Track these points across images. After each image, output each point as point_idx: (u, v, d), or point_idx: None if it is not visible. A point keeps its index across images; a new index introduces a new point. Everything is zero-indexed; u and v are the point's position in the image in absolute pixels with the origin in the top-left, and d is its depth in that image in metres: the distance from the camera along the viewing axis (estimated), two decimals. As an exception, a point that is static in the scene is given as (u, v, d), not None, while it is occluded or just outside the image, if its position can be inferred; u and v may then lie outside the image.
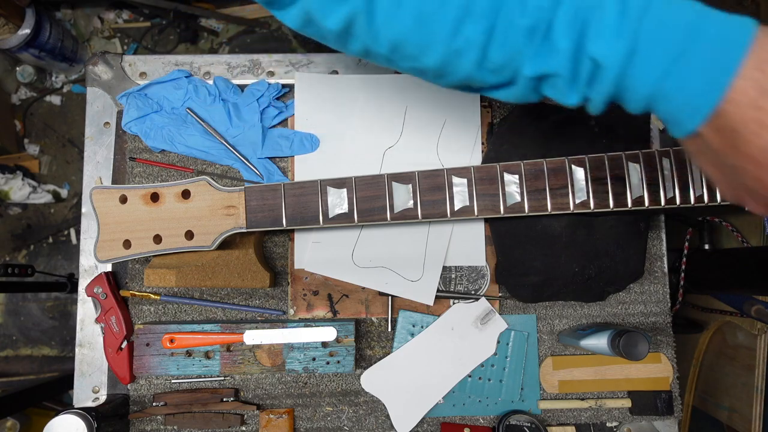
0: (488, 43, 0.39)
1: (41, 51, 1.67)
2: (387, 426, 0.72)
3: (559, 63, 0.38)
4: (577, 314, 0.75)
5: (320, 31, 0.44)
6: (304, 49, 1.82)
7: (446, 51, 0.41)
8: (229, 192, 0.62)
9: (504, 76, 0.42)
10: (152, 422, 0.72)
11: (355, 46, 0.44)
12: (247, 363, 0.69)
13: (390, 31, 0.41)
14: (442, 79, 0.45)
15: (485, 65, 0.41)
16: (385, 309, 0.74)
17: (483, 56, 0.40)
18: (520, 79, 0.41)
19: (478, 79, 0.43)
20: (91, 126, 0.76)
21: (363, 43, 0.43)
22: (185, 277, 0.66)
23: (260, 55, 0.77)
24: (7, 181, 1.72)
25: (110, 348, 0.71)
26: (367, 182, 0.62)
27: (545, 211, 0.63)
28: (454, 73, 0.43)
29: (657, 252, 0.76)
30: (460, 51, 0.40)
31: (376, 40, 0.42)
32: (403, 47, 0.41)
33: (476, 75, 0.42)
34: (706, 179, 0.65)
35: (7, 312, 1.73)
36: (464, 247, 0.74)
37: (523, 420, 0.71)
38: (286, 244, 0.74)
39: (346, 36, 0.43)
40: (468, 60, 0.41)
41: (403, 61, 0.43)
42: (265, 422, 0.71)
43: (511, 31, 0.38)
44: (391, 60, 0.44)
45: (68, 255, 1.76)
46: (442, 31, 0.39)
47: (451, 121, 0.75)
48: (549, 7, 0.37)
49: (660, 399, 0.72)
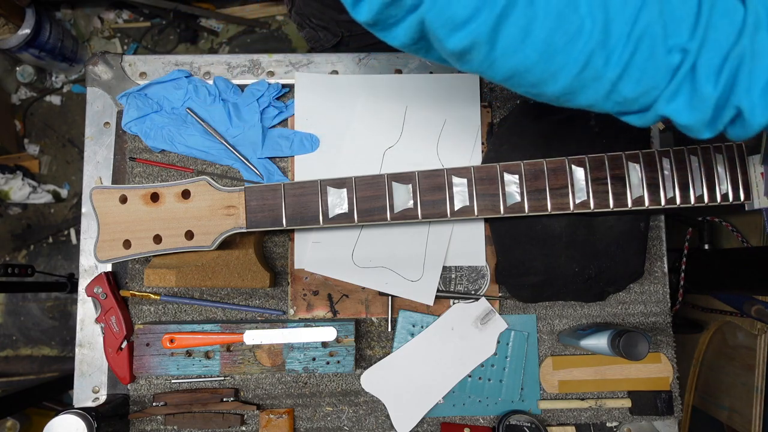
0: (621, 78, 0.37)
1: (41, 51, 1.67)
2: (387, 426, 0.72)
3: (701, 110, 0.37)
4: (577, 314, 0.75)
5: (432, 49, 0.41)
6: (304, 49, 1.82)
7: (571, 83, 0.38)
8: (229, 192, 0.62)
9: (630, 107, 0.40)
10: (152, 422, 0.72)
11: (466, 68, 0.41)
12: (247, 363, 0.69)
13: (510, 62, 0.38)
14: (560, 103, 0.42)
15: (612, 98, 0.39)
16: (385, 309, 0.74)
17: (612, 90, 0.38)
18: (650, 113, 0.40)
19: (599, 108, 0.41)
20: (91, 126, 0.76)
21: (477, 68, 0.40)
22: (185, 277, 0.66)
23: (260, 55, 0.77)
24: (7, 181, 1.72)
25: (110, 348, 0.71)
26: (367, 182, 0.62)
27: (545, 211, 0.63)
28: (576, 101, 0.40)
29: (657, 252, 0.76)
30: (586, 83, 0.38)
31: (492, 68, 0.39)
32: (521, 77, 0.39)
33: (599, 104, 0.40)
34: (706, 179, 0.65)
35: (7, 312, 1.73)
36: (464, 247, 0.74)
37: (523, 420, 0.71)
38: (286, 244, 0.74)
39: (460, 58, 0.40)
40: (594, 92, 0.39)
41: (519, 87, 0.41)
42: (265, 422, 0.71)
43: (650, 69, 0.36)
44: (505, 83, 0.41)
45: (68, 255, 1.76)
46: (571, 65, 0.37)
47: (451, 121, 0.75)
48: (695, 47, 0.35)
49: (660, 399, 0.72)
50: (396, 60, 0.77)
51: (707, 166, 0.64)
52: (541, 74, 0.38)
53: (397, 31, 0.40)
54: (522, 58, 0.37)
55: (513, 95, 0.77)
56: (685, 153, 0.65)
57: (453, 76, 0.76)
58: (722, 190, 0.65)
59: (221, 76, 0.76)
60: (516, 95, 0.76)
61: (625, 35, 0.36)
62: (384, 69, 0.77)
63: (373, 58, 0.77)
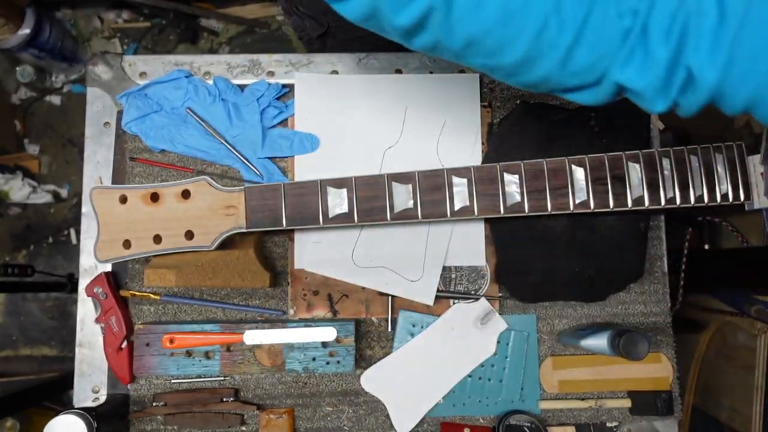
0: (576, 43, 0.37)
1: (41, 51, 1.67)
2: (387, 426, 0.72)
3: (653, 72, 0.37)
4: (577, 314, 0.75)
5: (383, 25, 0.41)
6: (304, 49, 1.82)
7: (528, 49, 0.38)
8: (229, 192, 0.62)
9: (585, 78, 0.40)
10: (152, 422, 0.72)
11: (422, 41, 0.41)
12: (247, 363, 0.69)
13: (468, 26, 0.38)
14: (515, 78, 0.42)
15: (568, 66, 0.39)
16: (385, 309, 0.74)
17: (567, 56, 0.38)
18: (605, 82, 0.39)
19: (555, 80, 0.40)
20: (91, 126, 0.76)
21: (433, 38, 0.40)
22: (185, 277, 0.66)
23: (260, 55, 0.77)
24: (7, 181, 1.72)
25: (110, 348, 0.71)
26: (367, 182, 0.62)
27: (545, 211, 0.63)
28: (531, 72, 0.40)
29: (657, 252, 0.76)
30: (543, 50, 0.38)
31: (449, 35, 0.39)
32: (479, 43, 0.39)
33: (555, 75, 0.40)
34: (706, 179, 0.65)
35: (7, 312, 1.73)
36: (464, 247, 0.74)
37: (523, 420, 0.71)
38: (286, 244, 0.74)
39: (416, 30, 0.40)
40: (550, 59, 0.38)
41: (476, 57, 0.41)
42: (265, 422, 0.71)
43: (603, 33, 0.36)
44: (460, 56, 0.41)
45: (68, 255, 1.76)
46: (528, 28, 0.37)
47: (451, 121, 0.75)
48: (645, 9, 0.35)
49: (660, 399, 0.72)
50: (396, 60, 0.77)
51: (707, 166, 0.64)
52: (498, 39, 0.38)
53: (353, 3, 0.40)
54: (479, 22, 0.37)
55: (513, 95, 0.77)
56: (685, 153, 0.65)
57: (453, 76, 0.76)
58: (722, 190, 0.65)
59: (221, 76, 0.76)
60: (516, 95, 0.76)
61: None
62: (384, 69, 0.77)
63: (373, 58, 0.77)
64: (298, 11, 0.89)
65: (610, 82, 0.39)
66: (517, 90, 0.77)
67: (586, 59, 0.38)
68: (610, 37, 0.37)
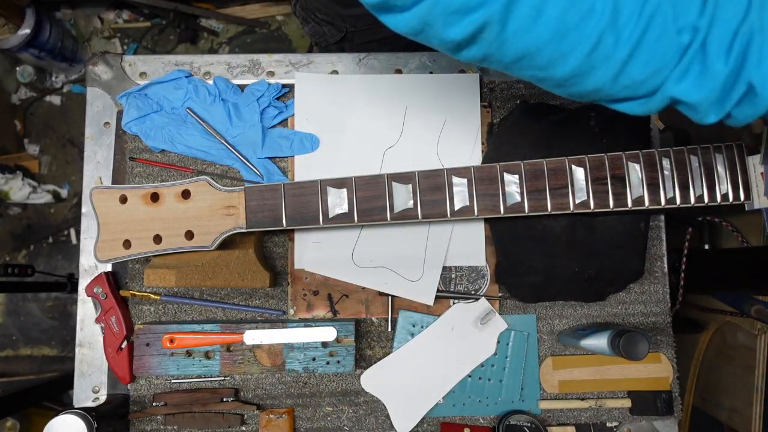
0: (631, 58, 0.37)
1: (41, 51, 1.67)
2: (387, 426, 0.72)
3: (711, 86, 0.37)
4: (577, 314, 0.75)
5: (432, 38, 0.40)
6: (304, 49, 1.82)
7: (581, 63, 0.38)
8: (229, 192, 0.62)
9: (637, 90, 0.40)
10: (152, 422, 0.72)
11: (471, 53, 0.41)
12: (247, 363, 0.69)
13: (523, 41, 0.37)
14: (564, 89, 0.42)
15: (621, 80, 0.39)
16: (385, 309, 0.74)
17: (622, 70, 0.38)
18: (658, 95, 0.39)
19: (605, 92, 0.40)
20: (91, 126, 0.76)
21: (484, 52, 0.40)
22: (185, 277, 0.66)
23: (260, 55, 0.77)
24: (7, 181, 1.72)
25: (110, 348, 0.71)
26: (367, 182, 0.62)
27: (545, 211, 0.63)
28: (582, 84, 0.40)
29: (657, 252, 0.76)
30: (596, 64, 0.38)
31: (502, 49, 0.38)
32: (532, 57, 0.39)
33: (606, 88, 0.40)
34: (706, 179, 0.65)
35: (7, 312, 1.73)
36: (464, 247, 0.74)
37: (523, 420, 0.71)
38: (286, 244, 0.74)
39: (467, 44, 0.39)
40: (603, 73, 0.38)
41: (526, 70, 0.41)
42: (265, 422, 0.71)
43: (660, 48, 0.36)
44: (510, 68, 0.41)
45: (68, 255, 1.76)
46: (583, 43, 0.37)
47: (451, 121, 0.75)
48: (705, 25, 0.36)
49: (660, 399, 0.72)
50: (396, 60, 0.77)
51: (707, 166, 0.64)
52: (552, 54, 0.38)
53: (406, 16, 0.39)
54: (534, 38, 0.37)
55: (513, 95, 0.77)
56: (685, 153, 0.65)
57: (453, 76, 0.76)
58: (722, 190, 0.65)
59: (221, 76, 0.76)
60: (516, 95, 0.76)
61: (636, 14, 0.36)
62: (384, 69, 0.77)
63: (373, 58, 0.77)
64: (316, 17, 0.89)
65: (663, 94, 0.39)
66: (517, 90, 0.77)
67: (640, 73, 0.38)
68: (667, 52, 0.37)
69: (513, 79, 0.77)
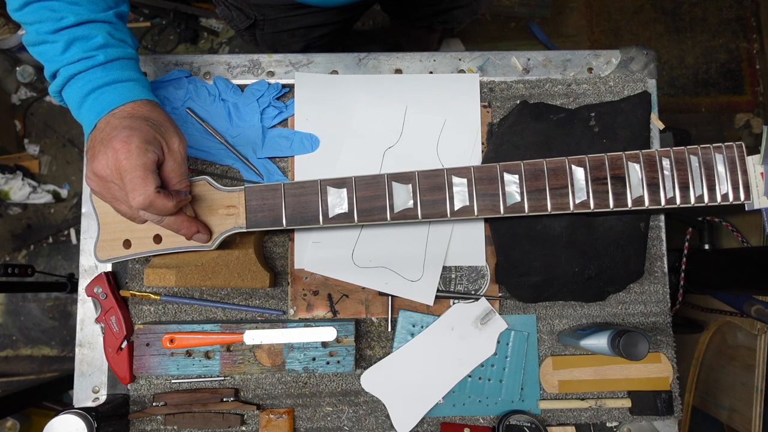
0: None
1: (41, 51, 1.67)
2: (387, 426, 0.72)
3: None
4: (577, 314, 0.75)
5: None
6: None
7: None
8: (229, 192, 0.62)
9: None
10: (152, 422, 0.72)
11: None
12: (247, 363, 0.69)
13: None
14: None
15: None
16: (385, 309, 0.74)
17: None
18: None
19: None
20: (91, 126, 0.76)
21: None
22: (185, 277, 0.66)
23: (260, 55, 0.77)
24: (7, 181, 1.72)
25: (110, 348, 0.71)
26: (367, 182, 0.62)
27: (545, 211, 0.63)
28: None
29: (657, 252, 0.76)
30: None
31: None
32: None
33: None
34: (706, 179, 0.65)
35: (7, 312, 1.73)
36: (464, 247, 0.74)
37: (523, 420, 0.71)
38: (286, 244, 0.74)
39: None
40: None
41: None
42: (265, 422, 0.71)
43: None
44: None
45: (68, 255, 1.76)
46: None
47: (451, 121, 0.75)
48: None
49: (660, 399, 0.72)
50: (396, 60, 0.77)
51: (707, 166, 0.64)
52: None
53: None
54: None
55: (513, 95, 0.77)
56: (685, 153, 0.65)
57: (453, 76, 0.76)
58: (722, 190, 0.65)
59: (221, 76, 0.76)
60: (516, 95, 0.76)
61: None
62: (384, 69, 0.77)
63: (373, 58, 0.77)
64: (226, 1, 0.90)
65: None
66: (517, 90, 0.77)
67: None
68: None
69: (513, 79, 0.77)
